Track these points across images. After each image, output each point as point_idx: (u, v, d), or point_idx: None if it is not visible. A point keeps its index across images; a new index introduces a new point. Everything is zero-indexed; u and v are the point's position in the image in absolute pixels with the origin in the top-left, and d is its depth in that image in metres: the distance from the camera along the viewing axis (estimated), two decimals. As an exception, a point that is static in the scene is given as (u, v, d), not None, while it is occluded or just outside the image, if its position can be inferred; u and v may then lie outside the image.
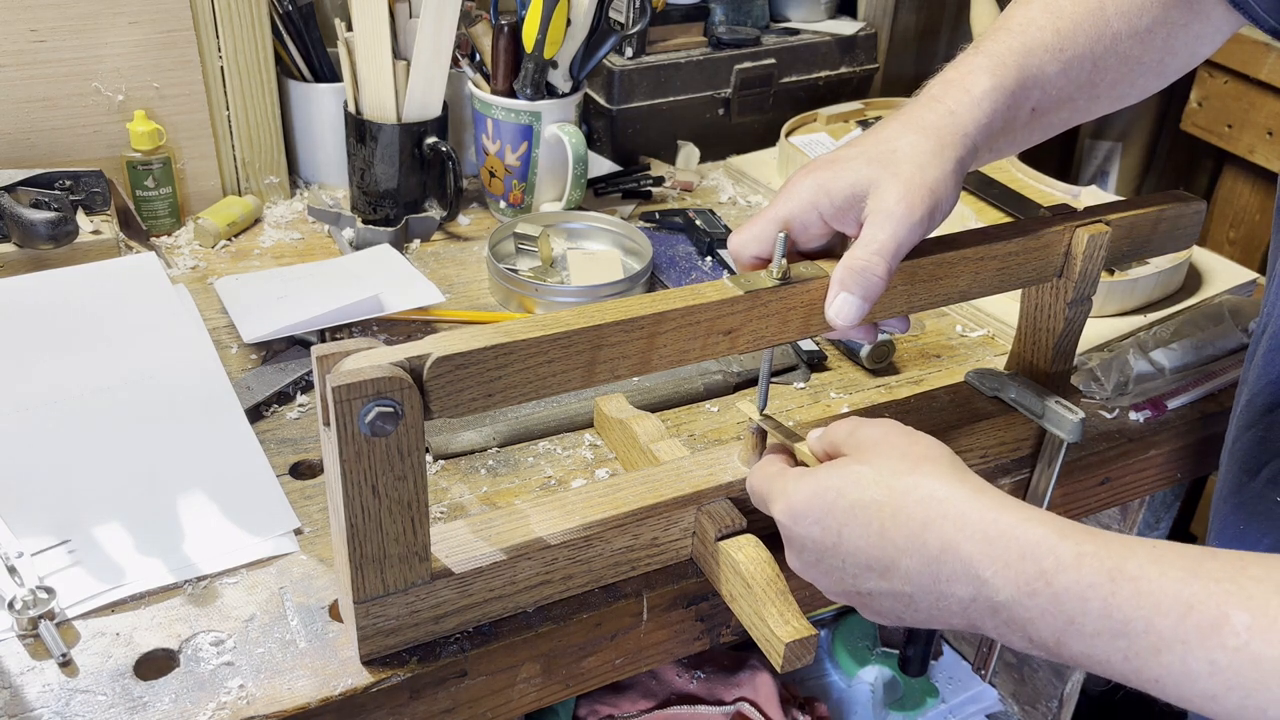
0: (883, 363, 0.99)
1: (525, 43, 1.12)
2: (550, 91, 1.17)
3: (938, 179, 0.65)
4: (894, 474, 0.56)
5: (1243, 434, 0.76)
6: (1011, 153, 0.77)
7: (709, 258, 1.15)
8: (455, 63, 1.18)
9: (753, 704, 1.17)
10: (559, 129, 1.15)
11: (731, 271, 1.12)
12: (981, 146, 0.70)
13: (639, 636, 0.75)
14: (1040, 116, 0.73)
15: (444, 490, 0.82)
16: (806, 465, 0.65)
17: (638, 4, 1.20)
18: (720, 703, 1.17)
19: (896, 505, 0.55)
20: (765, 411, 0.74)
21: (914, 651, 1.28)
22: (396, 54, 1.13)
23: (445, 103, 1.16)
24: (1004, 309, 1.05)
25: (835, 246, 0.71)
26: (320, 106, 1.21)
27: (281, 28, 1.18)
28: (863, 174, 0.65)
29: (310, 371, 0.91)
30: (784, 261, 0.67)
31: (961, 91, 0.69)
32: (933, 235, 0.76)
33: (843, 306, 0.65)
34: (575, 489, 0.74)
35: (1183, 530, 1.70)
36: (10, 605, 0.66)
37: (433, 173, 1.18)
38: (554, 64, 1.15)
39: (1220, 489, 0.79)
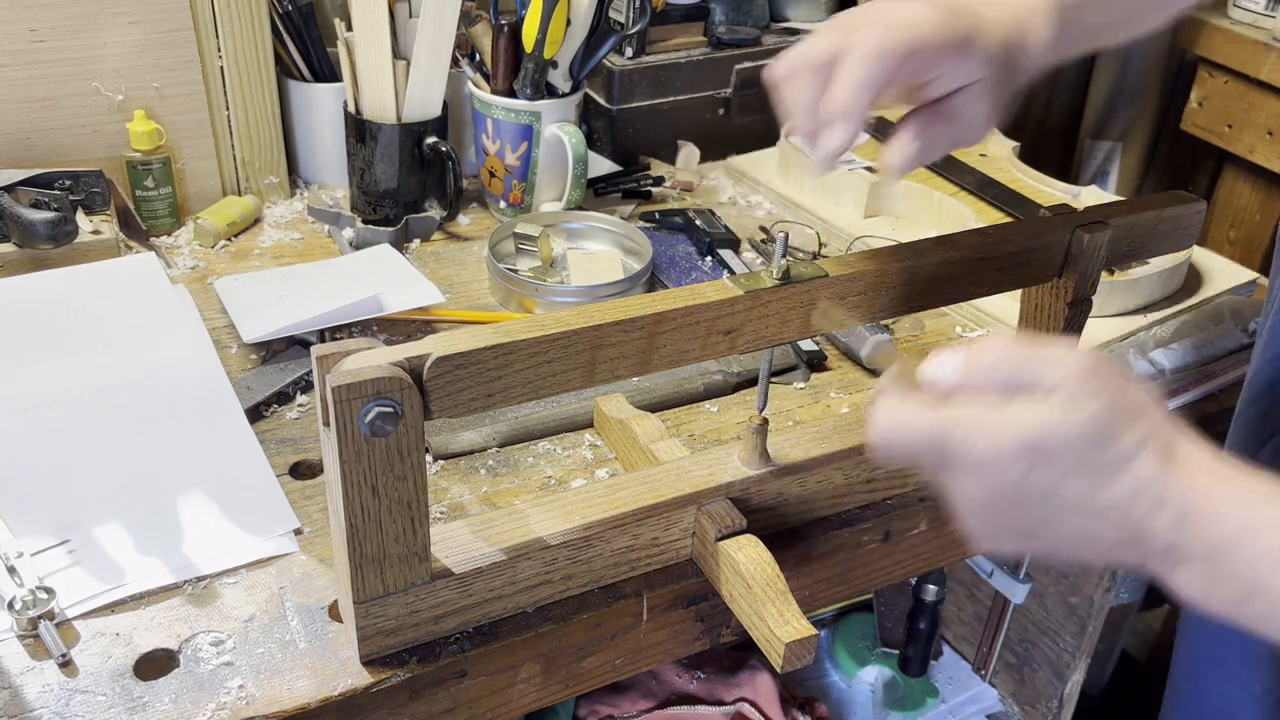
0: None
1: (525, 43, 1.12)
2: (550, 91, 1.17)
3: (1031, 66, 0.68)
4: (1127, 429, 0.53)
5: (1246, 409, 0.77)
6: (1115, 31, 0.76)
7: (709, 258, 1.15)
8: (455, 63, 1.18)
9: (753, 704, 1.17)
10: (559, 129, 1.15)
11: (731, 271, 1.12)
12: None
13: (639, 636, 0.75)
14: None
15: (444, 490, 0.82)
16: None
17: (638, 4, 1.20)
18: (720, 703, 1.17)
19: (1125, 464, 0.53)
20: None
21: (914, 651, 1.28)
22: (396, 54, 1.13)
23: (445, 103, 1.16)
24: (1004, 309, 1.05)
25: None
26: (320, 106, 1.21)
27: (281, 28, 1.18)
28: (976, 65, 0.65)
29: (310, 371, 0.91)
30: (784, 261, 0.67)
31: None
32: (932, 236, 0.76)
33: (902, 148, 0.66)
34: (575, 489, 0.74)
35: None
36: (10, 605, 0.66)
37: (433, 173, 1.18)
38: (554, 64, 1.15)
39: None
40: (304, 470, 0.83)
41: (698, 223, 1.19)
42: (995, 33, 0.66)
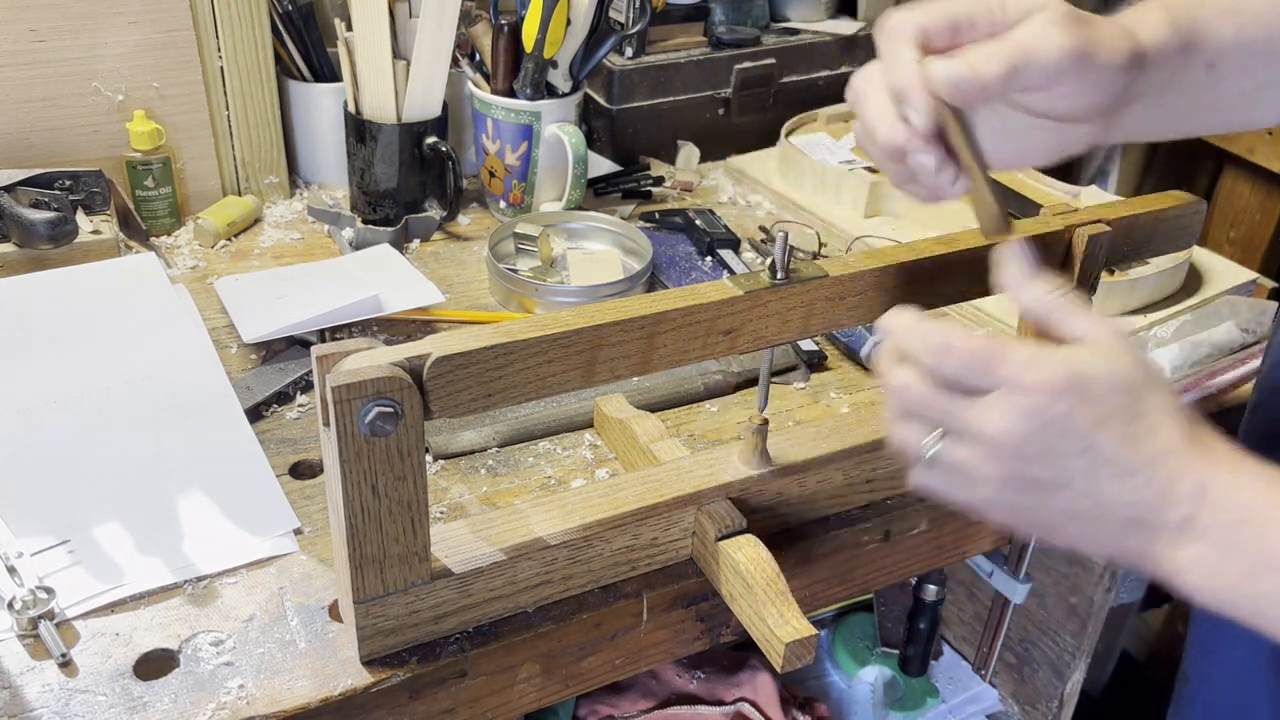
0: (883, 363, 0.99)
1: (525, 42, 1.12)
2: (550, 91, 1.17)
3: (1103, 43, 0.60)
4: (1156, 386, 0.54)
5: (1267, 400, 0.76)
6: (1188, 122, 0.71)
7: (709, 258, 1.15)
8: (455, 63, 1.18)
9: (753, 704, 1.17)
10: (559, 129, 1.15)
11: (731, 271, 1.12)
12: (1154, 84, 0.65)
13: (639, 636, 0.75)
14: (1220, 78, 0.68)
15: (444, 490, 0.82)
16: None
17: (638, 4, 1.20)
18: (720, 703, 1.17)
19: (1163, 418, 0.54)
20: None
21: (914, 651, 1.28)
22: (396, 54, 1.13)
23: (445, 103, 1.16)
24: (1004, 309, 1.05)
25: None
26: (320, 106, 1.21)
27: (281, 28, 1.18)
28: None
29: (310, 371, 0.91)
30: (785, 260, 0.67)
31: (1137, 19, 0.65)
32: (933, 236, 0.76)
33: (951, 64, 0.58)
34: (575, 489, 0.74)
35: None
36: (10, 605, 0.66)
37: (433, 173, 1.18)
38: (554, 64, 1.15)
39: None
40: (304, 470, 0.83)
41: (698, 223, 1.19)
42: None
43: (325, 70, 1.21)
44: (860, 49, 1.45)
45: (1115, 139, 0.70)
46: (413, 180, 1.17)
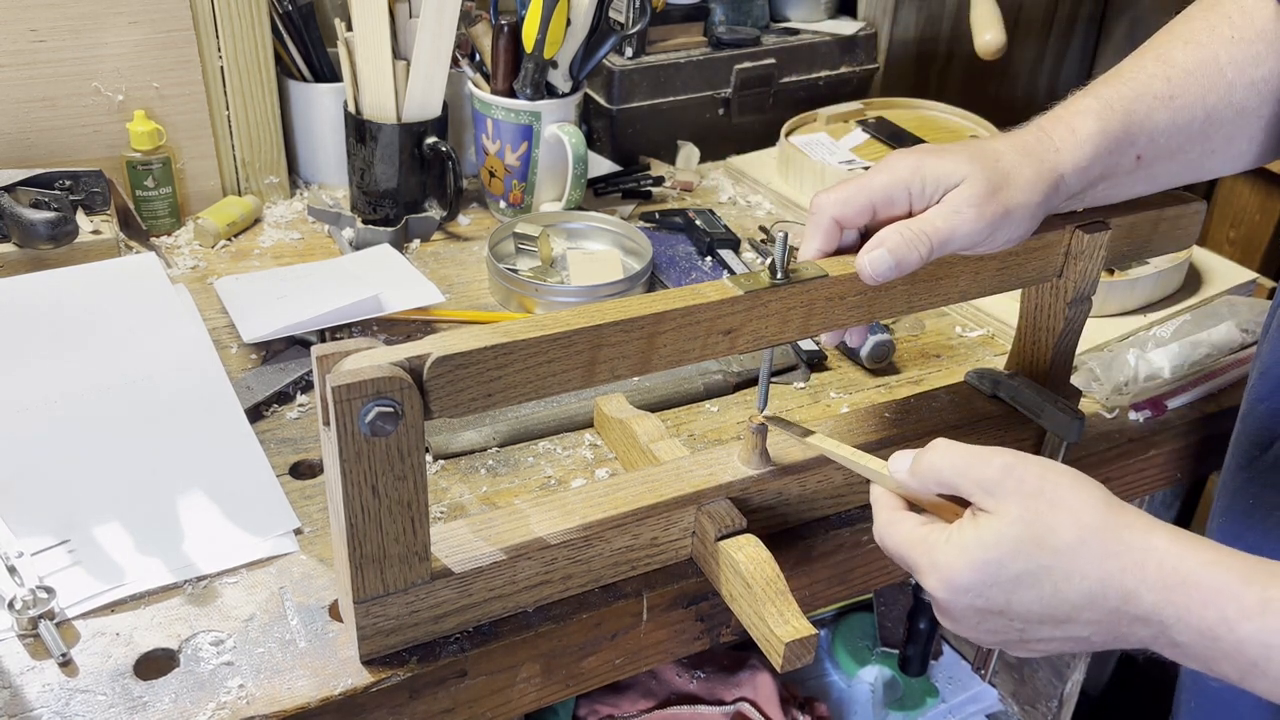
0: (882, 362, 0.99)
1: (525, 43, 1.12)
2: (550, 91, 1.17)
3: (1019, 204, 0.68)
4: (1052, 531, 0.54)
5: (1256, 406, 0.77)
6: (1118, 199, 0.77)
7: (709, 258, 1.15)
8: (455, 63, 1.18)
9: (753, 704, 1.17)
10: (559, 129, 1.15)
11: (731, 271, 1.12)
12: (1079, 190, 0.71)
13: (639, 636, 0.75)
14: (1147, 166, 0.73)
15: (444, 490, 0.82)
16: (919, 506, 0.61)
17: (638, 4, 1.20)
18: (720, 703, 1.17)
19: (1067, 568, 0.54)
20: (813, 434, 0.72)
21: (914, 651, 1.28)
22: (396, 54, 1.13)
23: (445, 103, 1.16)
24: (1004, 309, 1.05)
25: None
26: (320, 106, 1.21)
27: (281, 28, 1.18)
28: (960, 167, 0.67)
29: (310, 371, 0.91)
30: (785, 260, 0.67)
31: (1068, 131, 0.70)
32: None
33: (877, 259, 0.66)
34: (575, 489, 0.74)
35: (1183, 530, 1.69)
36: (10, 605, 0.66)
37: (433, 173, 1.18)
38: (554, 64, 1.15)
39: (1230, 464, 0.80)
40: (304, 470, 0.83)
41: (698, 223, 1.19)
42: (994, 157, 0.68)
43: (325, 70, 1.21)
44: (860, 49, 1.45)
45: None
46: (413, 180, 1.17)
